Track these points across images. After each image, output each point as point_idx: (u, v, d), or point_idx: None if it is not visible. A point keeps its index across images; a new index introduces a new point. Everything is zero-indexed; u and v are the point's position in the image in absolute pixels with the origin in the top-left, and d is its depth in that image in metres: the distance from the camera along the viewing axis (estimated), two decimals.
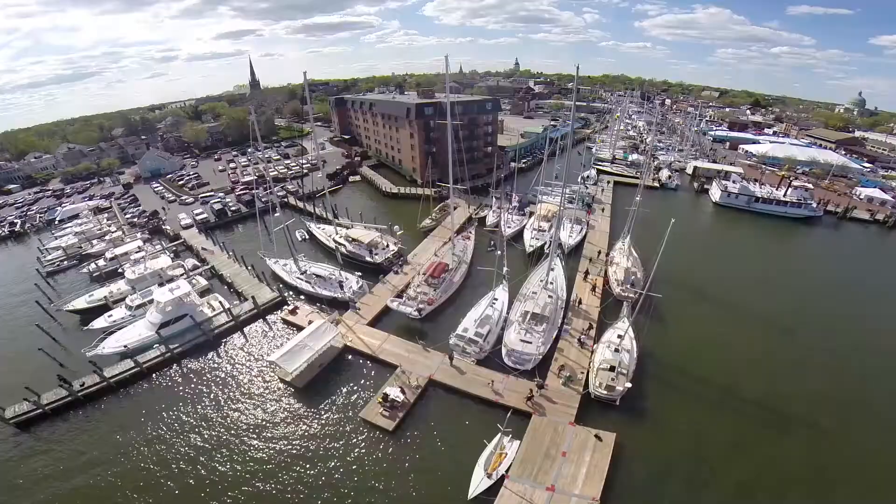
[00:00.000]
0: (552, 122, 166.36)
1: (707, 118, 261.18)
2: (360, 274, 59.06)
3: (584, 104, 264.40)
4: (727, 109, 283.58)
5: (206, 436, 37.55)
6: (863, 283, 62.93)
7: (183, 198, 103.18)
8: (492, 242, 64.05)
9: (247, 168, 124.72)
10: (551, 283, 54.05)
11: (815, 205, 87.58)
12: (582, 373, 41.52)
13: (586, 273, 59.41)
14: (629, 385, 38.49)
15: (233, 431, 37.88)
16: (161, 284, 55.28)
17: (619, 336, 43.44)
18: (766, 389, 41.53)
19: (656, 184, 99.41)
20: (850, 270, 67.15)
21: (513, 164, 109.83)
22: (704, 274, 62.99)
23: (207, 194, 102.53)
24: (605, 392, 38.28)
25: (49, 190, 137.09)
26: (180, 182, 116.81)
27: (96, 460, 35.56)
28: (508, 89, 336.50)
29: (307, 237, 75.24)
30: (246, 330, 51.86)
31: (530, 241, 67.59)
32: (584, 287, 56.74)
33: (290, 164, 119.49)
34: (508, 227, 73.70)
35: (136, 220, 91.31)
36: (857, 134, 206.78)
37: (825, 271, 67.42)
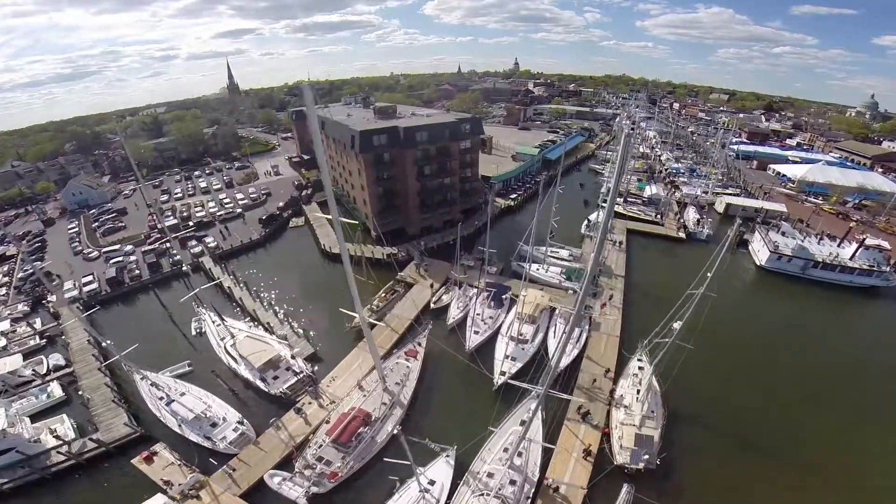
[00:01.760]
0: (550, 139, 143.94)
1: (722, 124, 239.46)
2: (239, 419, 40.68)
3: (587, 109, 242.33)
4: (741, 116, 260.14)
5: None
6: None
7: (88, 250, 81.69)
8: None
9: (177, 204, 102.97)
10: (521, 452, 34.71)
11: (889, 270, 65.70)
12: None
13: (583, 415, 39.77)
14: None
15: None
16: (5, 392, 45.87)
17: None
18: None
19: (681, 233, 77.21)
20: None
21: (498, 203, 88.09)
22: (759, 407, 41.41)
23: (112, 248, 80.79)
24: None
25: None
26: (95, 223, 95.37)
27: None
28: (506, 92, 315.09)
29: (202, 332, 54.84)
30: (93, 471, 38.36)
31: (502, 366, 45.27)
32: (570, 451, 36.87)
33: (225, 201, 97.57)
34: (475, 332, 50.94)
35: (23, 283, 71.93)
36: (888, 145, 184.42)
37: None
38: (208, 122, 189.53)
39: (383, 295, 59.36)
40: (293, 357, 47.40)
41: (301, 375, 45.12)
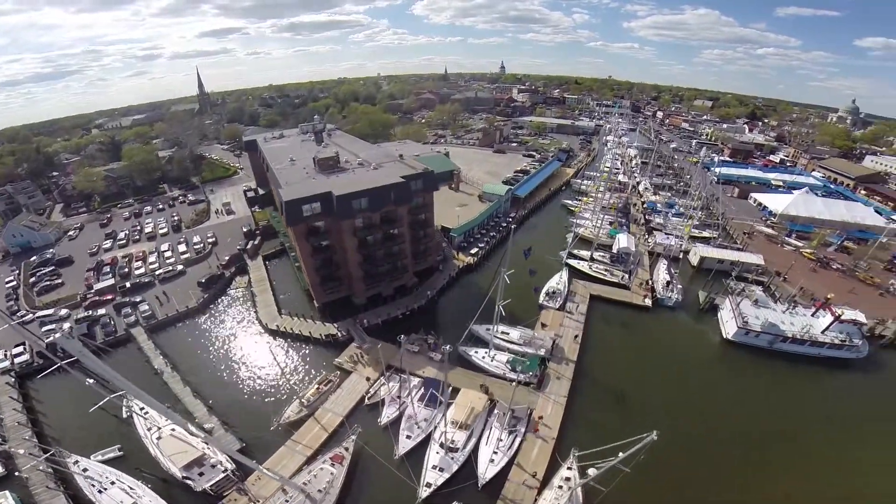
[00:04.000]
0: (522, 167, 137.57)
1: (706, 136, 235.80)
2: None
3: (569, 122, 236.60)
4: (724, 126, 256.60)
5: None
6: None
7: (21, 312, 75.31)
8: None
9: (118, 255, 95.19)
10: None
11: (861, 343, 62.04)
12: None
13: None
14: None
15: None
16: None
17: None
18: None
19: (647, 301, 71.61)
20: None
21: (457, 261, 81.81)
22: None
23: (47, 311, 74.11)
24: None
25: None
26: (31, 277, 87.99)
27: None
28: (488, 101, 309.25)
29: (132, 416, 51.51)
30: None
31: (427, 476, 42.94)
32: None
33: (167, 255, 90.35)
34: (407, 437, 47.95)
35: None
36: (871, 160, 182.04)
37: None
38: (169, 142, 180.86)
39: (316, 387, 55.24)
40: (218, 454, 45.65)
41: (227, 473, 44.05)
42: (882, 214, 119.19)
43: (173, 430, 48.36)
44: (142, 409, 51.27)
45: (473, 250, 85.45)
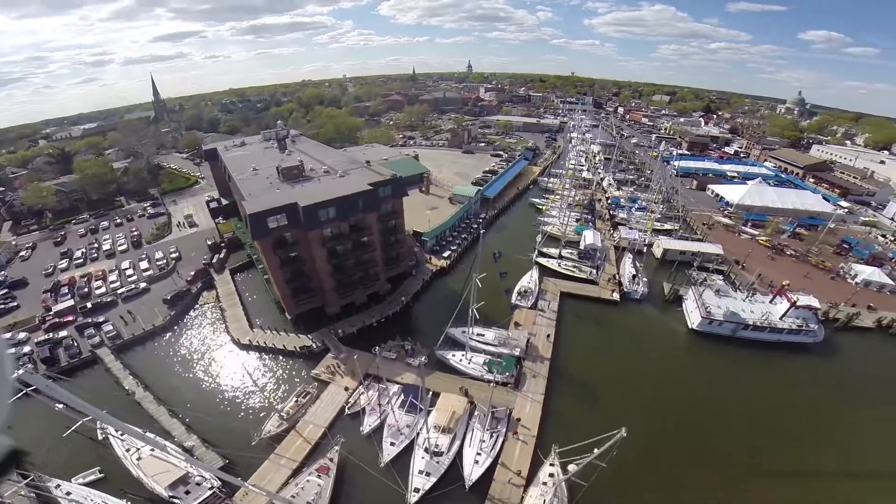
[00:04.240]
0: (491, 167, 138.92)
1: (665, 130, 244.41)
2: None
3: (535, 120, 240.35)
4: (681, 120, 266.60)
5: None
6: None
7: None
8: None
9: (76, 274, 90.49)
10: None
11: (817, 328, 65.70)
12: None
13: None
14: None
15: None
16: None
17: None
18: None
19: (615, 295, 73.80)
20: None
21: (430, 265, 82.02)
22: None
23: (4, 335, 69.95)
24: None
25: None
26: None
27: None
28: (456, 101, 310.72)
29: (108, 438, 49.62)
30: None
31: (415, 482, 43.41)
32: None
33: (128, 272, 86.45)
34: (391, 444, 48.10)
35: None
36: (818, 149, 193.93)
37: None
38: (124, 153, 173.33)
39: (295, 400, 54.36)
40: (202, 472, 44.61)
41: (213, 490, 43.61)
42: (829, 201, 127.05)
43: (153, 449, 47.16)
44: (118, 430, 49.58)
45: (446, 253, 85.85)
